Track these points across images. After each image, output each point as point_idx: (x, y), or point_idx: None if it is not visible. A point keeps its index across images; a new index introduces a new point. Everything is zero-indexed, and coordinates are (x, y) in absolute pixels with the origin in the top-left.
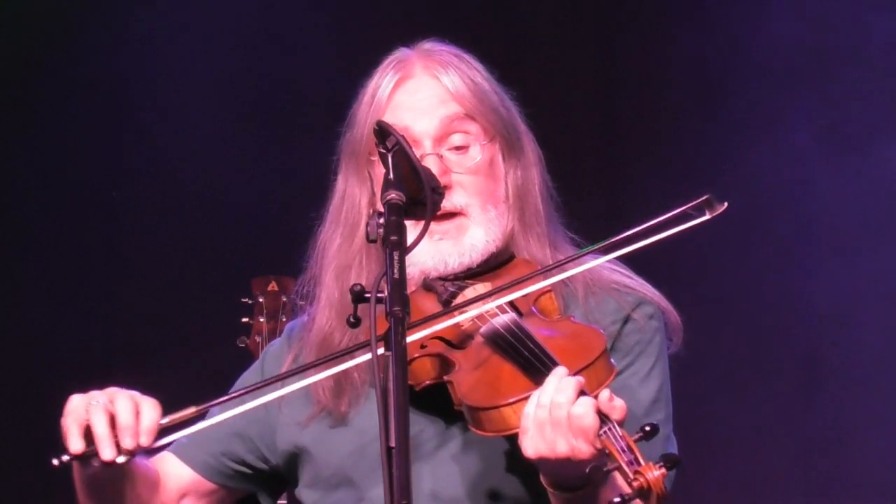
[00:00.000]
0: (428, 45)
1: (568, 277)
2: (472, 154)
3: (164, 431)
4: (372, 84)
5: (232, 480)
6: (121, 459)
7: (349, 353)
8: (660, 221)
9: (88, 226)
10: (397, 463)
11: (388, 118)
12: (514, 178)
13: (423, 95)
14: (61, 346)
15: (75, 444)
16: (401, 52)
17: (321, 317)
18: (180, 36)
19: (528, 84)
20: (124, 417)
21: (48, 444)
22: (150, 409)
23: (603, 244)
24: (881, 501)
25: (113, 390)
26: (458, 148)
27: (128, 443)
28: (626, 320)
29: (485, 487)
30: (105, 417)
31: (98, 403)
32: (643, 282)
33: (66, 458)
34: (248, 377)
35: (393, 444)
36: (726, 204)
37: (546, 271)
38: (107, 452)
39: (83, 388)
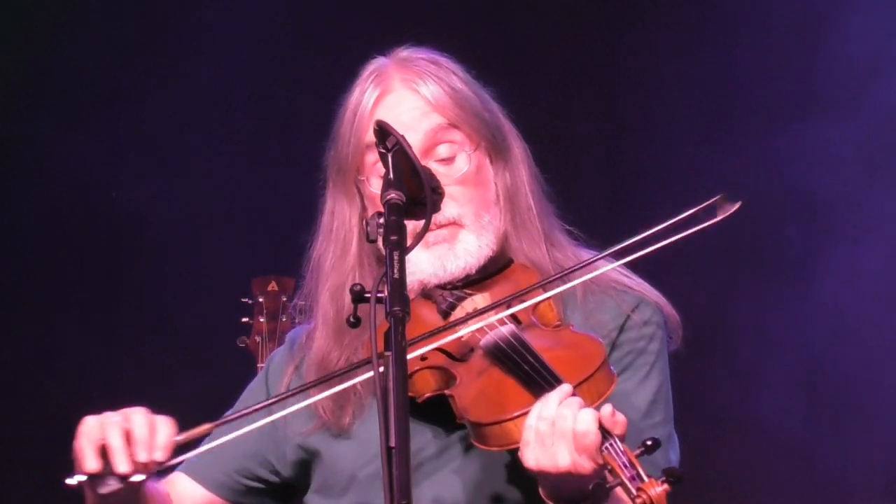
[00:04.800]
0: (404, 53)
1: (567, 278)
2: (458, 164)
3: (179, 449)
4: (352, 100)
5: (245, 497)
6: (136, 478)
7: (351, 370)
8: (670, 224)
9: (88, 225)
10: (397, 463)
11: (372, 137)
12: (503, 180)
13: (405, 109)
14: (60, 346)
15: (91, 463)
16: (377, 64)
17: (318, 336)
18: (183, 37)
19: (527, 81)
20: (140, 432)
21: (49, 445)
22: (165, 425)
23: (611, 251)
24: (881, 501)
25: (127, 409)
26: (444, 160)
27: (143, 456)
28: (626, 321)
29: (487, 495)
30: (120, 432)
31: (113, 421)
32: (642, 281)
33: (81, 477)
34: (254, 389)
35: (393, 444)
36: (739, 203)
37: (545, 283)
38: (122, 466)
39: (82, 387)
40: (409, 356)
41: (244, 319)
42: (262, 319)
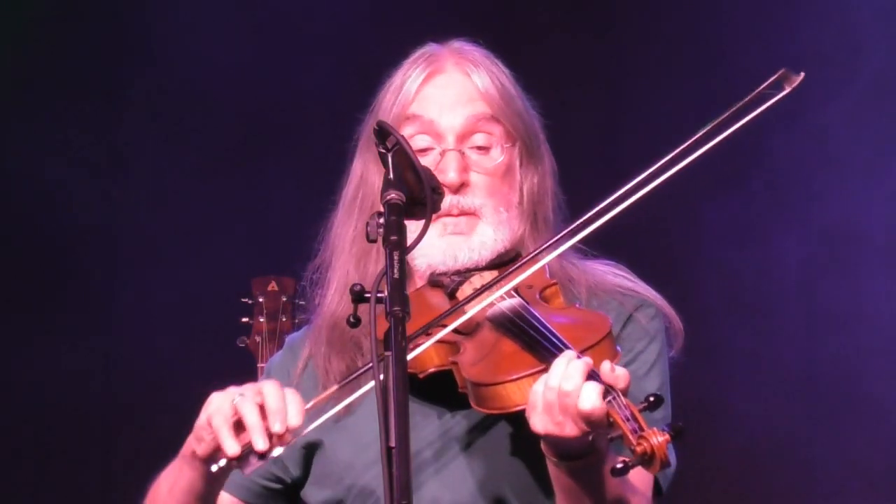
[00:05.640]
0: (458, 44)
1: (571, 280)
2: (492, 156)
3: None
4: (400, 74)
5: (264, 499)
6: (276, 452)
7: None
8: (738, 108)
9: (87, 225)
10: (397, 462)
11: (415, 109)
12: (530, 185)
13: (453, 91)
14: (61, 348)
15: (233, 446)
16: (431, 47)
17: (334, 301)
18: (183, 38)
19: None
20: (273, 403)
21: (48, 445)
22: (293, 394)
23: (684, 145)
24: (881, 501)
25: (253, 384)
26: (480, 148)
27: (278, 428)
28: (628, 319)
29: (489, 492)
30: (256, 408)
31: (245, 395)
32: (646, 286)
33: (223, 462)
34: None
35: (393, 444)
36: (802, 74)
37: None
38: (261, 443)
39: (83, 388)
40: (415, 334)
41: (244, 319)
42: (262, 319)
